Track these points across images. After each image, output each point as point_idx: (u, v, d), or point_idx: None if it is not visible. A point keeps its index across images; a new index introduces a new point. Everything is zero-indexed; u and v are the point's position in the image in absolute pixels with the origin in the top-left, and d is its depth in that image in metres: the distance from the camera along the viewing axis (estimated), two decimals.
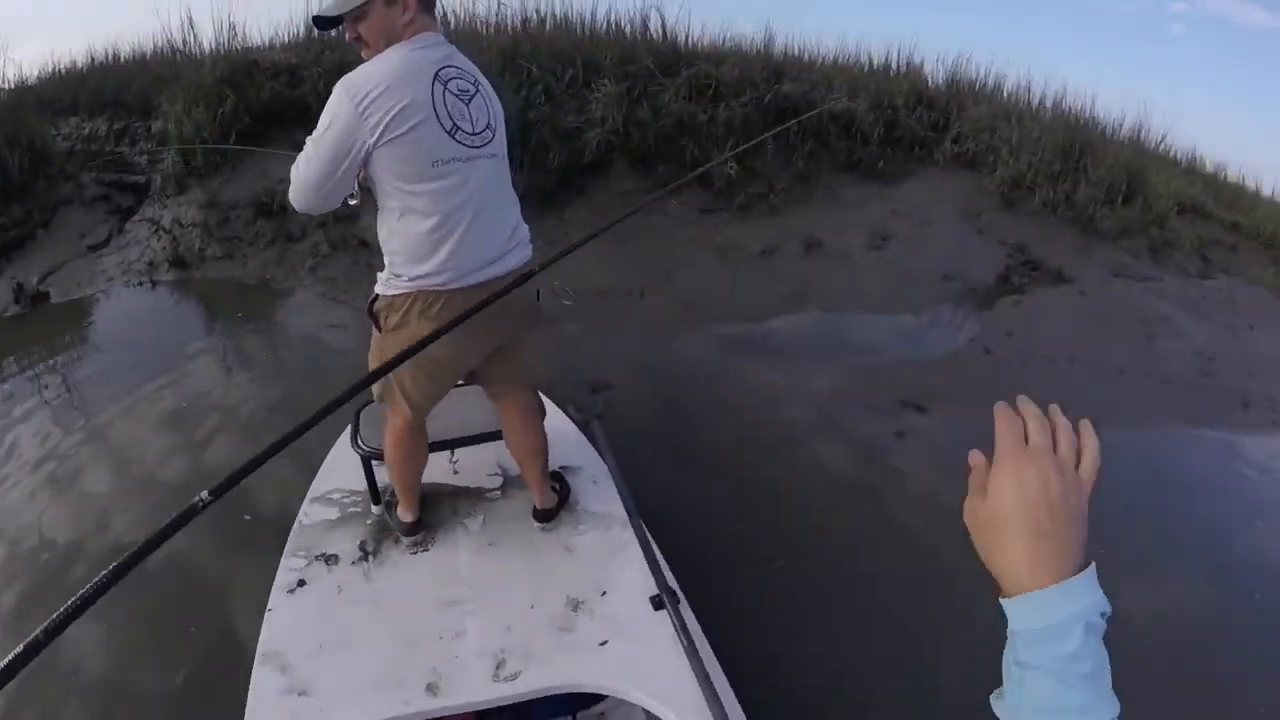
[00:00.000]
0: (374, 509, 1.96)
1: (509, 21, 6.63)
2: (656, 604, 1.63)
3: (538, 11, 6.73)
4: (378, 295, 1.61)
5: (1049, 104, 7.47)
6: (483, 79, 1.60)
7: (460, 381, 1.84)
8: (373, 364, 1.61)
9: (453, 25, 6.33)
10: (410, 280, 1.55)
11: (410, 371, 1.60)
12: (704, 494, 2.85)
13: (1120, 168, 6.94)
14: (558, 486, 1.99)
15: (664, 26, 6.80)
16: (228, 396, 3.50)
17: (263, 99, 5.31)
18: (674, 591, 1.66)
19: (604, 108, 5.48)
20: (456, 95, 1.49)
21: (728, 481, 2.96)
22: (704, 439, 3.21)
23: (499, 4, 6.62)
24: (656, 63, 6.05)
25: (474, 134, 1.52)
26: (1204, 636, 2.65)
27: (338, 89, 1.40)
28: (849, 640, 2.26)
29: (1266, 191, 10.51)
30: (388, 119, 1.39)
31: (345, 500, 2.00)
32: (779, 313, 4.51)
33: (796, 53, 7.19)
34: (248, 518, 2.59)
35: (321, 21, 1.53)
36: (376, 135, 1.40)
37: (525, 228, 1.75)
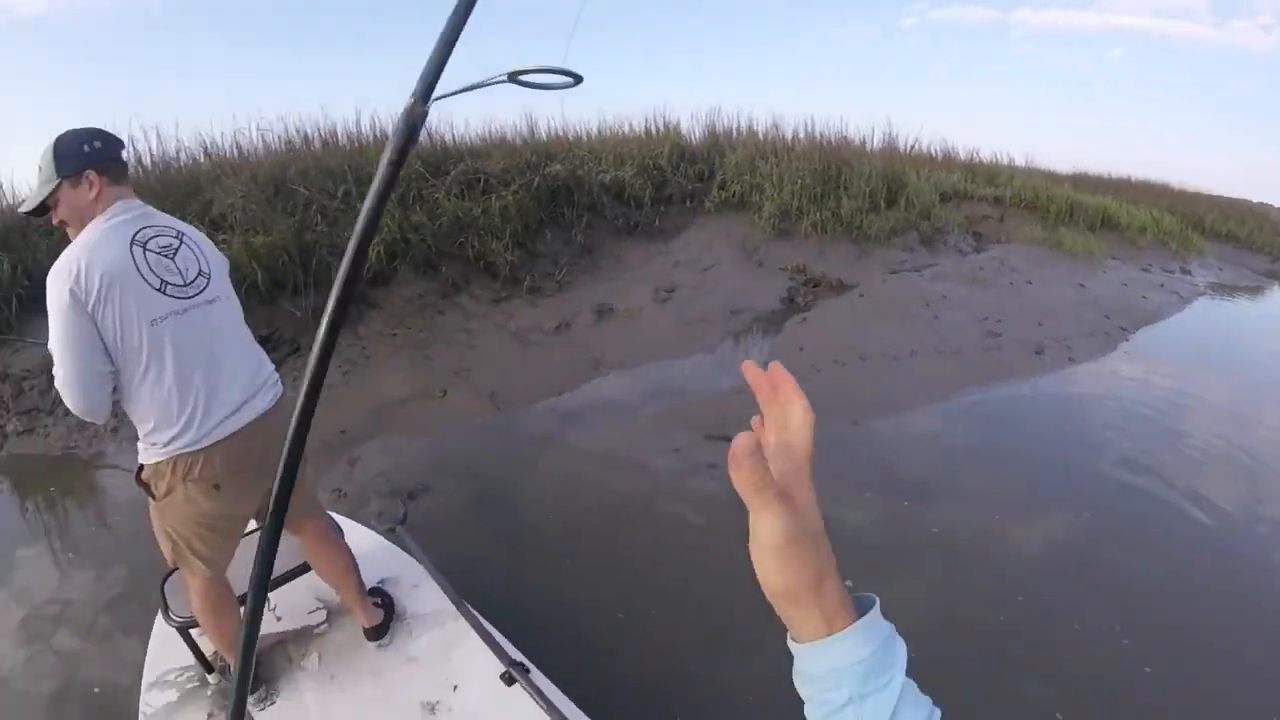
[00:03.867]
0: (210, 678, 1.90)
1: (276, 145, 6.68)
2: (508, 680, 1.68)
3: (300, 132, 6.84)
4: (142, 465, 1.57)
5: (802, 135, 8.20)
6: (188, 229, 1.61)
7: (252, 526, 1.83)
8: (157, 533, 1.64)
9: (212, 157, 6.29)
10: (164, 447, 1.52)
11: (194, 531, 1.59)
12: (544, 566, 2.87)
13: (878, 176, 7.62)
14: (380, 601, 2.00)
15: (429, 129, 7.01)
16: (63, 590, 2.95)
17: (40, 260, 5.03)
18: (521, 664, 1.72)
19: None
20: (158, 253, 1.51)
21: (564, 549, 2.97)
22: (531, 517, 3.21)
23: (259, 131, 6.63)
24: (425, 165, 6.23)
25: (185, 284, 1.54)
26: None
27: (49, 283, 1.41)
28: (707, 661, 2.36)
29: (1020, 163, 12.16)
30: (95, 292, 1.40)
31: (181, 679, 1.92)
32: (581, 382, 4.61)
33: (560, 133, 7.58)
34: None
35: (32, 212, 1.54)
36: (91, 309, 1.41)
37: (270, 365, 1.73)
